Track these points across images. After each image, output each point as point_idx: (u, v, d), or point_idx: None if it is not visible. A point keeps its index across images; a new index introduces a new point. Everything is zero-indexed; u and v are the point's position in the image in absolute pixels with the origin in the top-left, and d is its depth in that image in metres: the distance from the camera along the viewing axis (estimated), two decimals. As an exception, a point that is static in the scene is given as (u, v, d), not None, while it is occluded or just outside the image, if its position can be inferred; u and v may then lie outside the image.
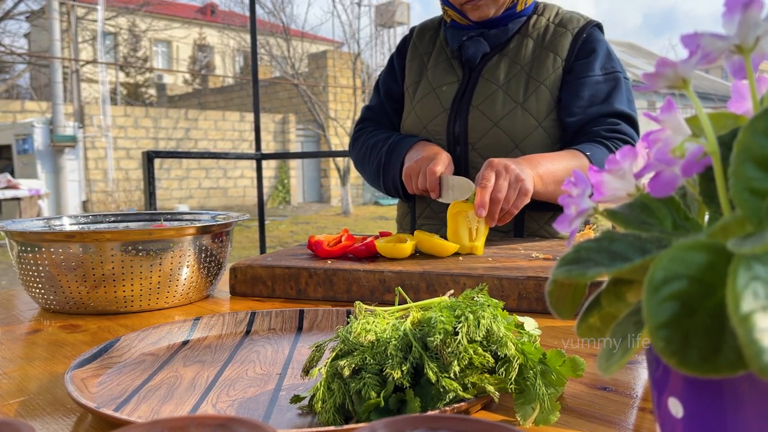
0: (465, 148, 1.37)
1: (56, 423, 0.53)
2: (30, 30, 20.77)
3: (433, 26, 1.52)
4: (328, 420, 0.49)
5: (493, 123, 1.33)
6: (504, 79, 1.35)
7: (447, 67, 1.42)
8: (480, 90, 1.36)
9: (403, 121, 1.48)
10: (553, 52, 1.35)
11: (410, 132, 1.44)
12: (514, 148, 1.32)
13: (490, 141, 1.34)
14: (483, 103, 1.35)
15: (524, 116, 1.32)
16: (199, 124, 15.00)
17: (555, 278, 0.31)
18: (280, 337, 0.75)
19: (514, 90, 1.34)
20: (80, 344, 0.77)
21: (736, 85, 0.36)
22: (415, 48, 1.51)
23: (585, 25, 1.37)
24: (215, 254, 1.00)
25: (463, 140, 1.36)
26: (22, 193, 9.49)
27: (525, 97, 1.33)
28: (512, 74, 1.35)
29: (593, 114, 1.31)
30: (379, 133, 1.47)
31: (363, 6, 16.99)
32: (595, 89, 1.32)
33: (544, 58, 1.35)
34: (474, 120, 1.35)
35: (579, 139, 1.32)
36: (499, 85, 1.35)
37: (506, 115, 1.33)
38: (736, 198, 0.27)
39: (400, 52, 1.54)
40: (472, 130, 1.35)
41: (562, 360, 0.53)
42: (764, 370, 0.22)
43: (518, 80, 1.34)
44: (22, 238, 0.91)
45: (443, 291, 0.88)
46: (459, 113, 1.37)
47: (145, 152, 2.59)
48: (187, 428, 0.32)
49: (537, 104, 1.33)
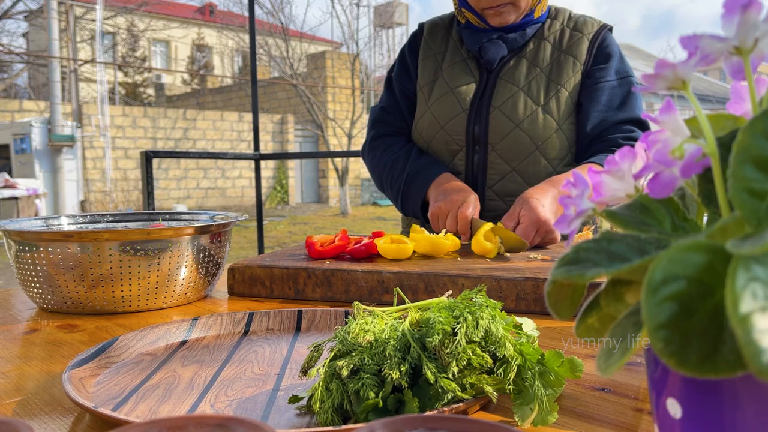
0: (485, 149, 1.36)
1: (54, 423, 0.53)
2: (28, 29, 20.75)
3: (444, 25, 1.51)
4: (327, 420, 0.49)
5: (515, 125, 1.33)
6: (524, 81, 1.36)
7: (464, 68, 1.42)
8: (500, 91, 1.36)
9: (418, 120, 1.46)
10: (573, 56, 1.37)
11: (427, 132, 1.43)
12: (534, 150, 1.33)
13: (511, 143, 1.34)
14: (504, 104, 1.35)
15: (545, 118, 1.33)
16: (198, 124, 14.99)
17: (554, 279, 0.31)
18: (279, 338, 0.75)
19: (534, 92, 1.35)
20: (78, 344, 0.77)
21: (735, 87, 0.36)
22: (428, 46, 1.49)
23: (599, 30, 1.40)
24: (213, 254, 0.99)
25: (483, 141, 1.36)
26: (19, 192, 9.48)
27: (546, 99, 1.34)
28: (532, 77, 1.36)
29: (610, 121, 1.34)
30: (395, 147, 1.46)
31: (362, 7, 17.00)
32: (611, 94, 1.35)
33: (564, 62, 1.37)
34: (495, 121, 1.35)
35: (596, 146, 1.34)
36: (519, 87, 1.36)
37: (528, 117, 1.33)
38: (735, 199, 0.27)
39: (413, 49, 1.53)
40: (493, 131, 1.35)
41: (560, 361, 0.53)
42: (763, 371, 0.22)
43: (538, 83, 1.36)
44: (20, 238, 0.91)
45: (441, 292, 0.88)
46: (479, 114, 1.36)
47: (144, 152, 2.58)
48: (186, 428, 0.32)
49: (558, 107, 1.34)
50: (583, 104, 1.36)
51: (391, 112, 1.51)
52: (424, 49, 1.49)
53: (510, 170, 1.35)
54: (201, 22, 23.84)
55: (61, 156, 12.38)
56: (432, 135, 1.41)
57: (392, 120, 1.51)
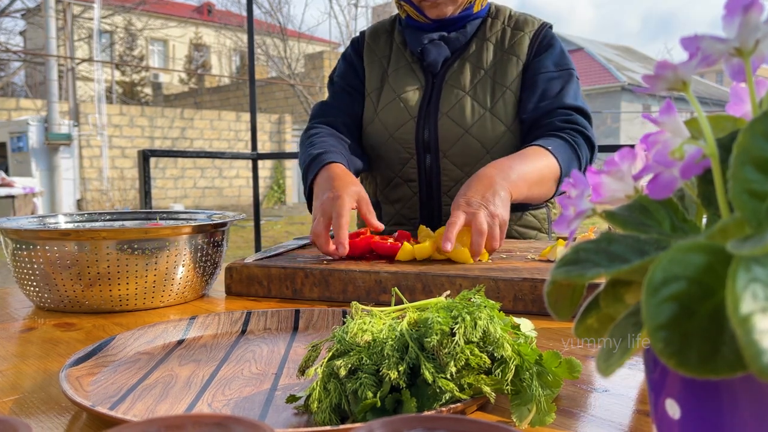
0: (436, 156, 1.35)
1: (51, 421, 0.53)
2: (26, 27, 20.70)
3: (385, 29, 1.49)
4: (324, 420, 0.49)
5: (464, 130, 1.32)
6: (470, 86, 1.35)
7: (408, 72, 1.40)
8: (446, 96, 1.35)
9: (366, 126, 1.43)
10: (515, 55, 1.36)
11: (376, 139, 1.39)
12: (485, 154, 1.32)
13: (461, 148, 1.33)
14: (452, 110, 1.33)
15: (494, 122, 1.32)
16: (195, 124, 14.96)
17: (554, 279, 0.31)
18: (276, 337, 0.75)
19: (481, 96, 1.34)
20: (75, 342, 0.76)
21: (735, 88, 0.36)
22: (371, 51, 1.46)
23: (540, 27, 1.39)
24: (211, 254, 0.99)
25: (434, 148, 1.35)
26: (16, 191, 9.45)
27: (493, 102, 1.33)
28: (477, 80, 1.35)
29: (547, 107, 1.31)
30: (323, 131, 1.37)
31: (360, 7, 17.01)
32: (548, 85, 1.33)
33: (507, 62, 1.35)
34: (444, 128, 1.33)
35: (535, 133, 1.31)
36: (465, 92, 1.34)
37: (476, 122, 1.32)
38: (735, 200, 0.27)
39: (357, 52, 1.49)
40: (443, 138, 1.34)
41: (558, 361, 0.53)
42: (763, 372, 0.22)
43: (484, 85, 1.34)
44: (17, 236, 0.90)
45: (439, 292, 0.88)
46: (427, 121, 1.35)
47: (141, 151, 2.58)
48: (184, 427, 0.31)
49: (505, 109, 1.33)
50: (521, 95, 1.34)
51: (333, 106, 1.46)
52: (368, 53, 1.47)
53: (463, 175, 1.33)
54: (199, 21, 23.81)
55: (58, 155, 12.34)
56: (381, 142, 1.39)
57: (332, 113, 1.44)
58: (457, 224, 1.01)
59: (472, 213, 1.02)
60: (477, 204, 1.04)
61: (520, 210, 1.40)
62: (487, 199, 1.05)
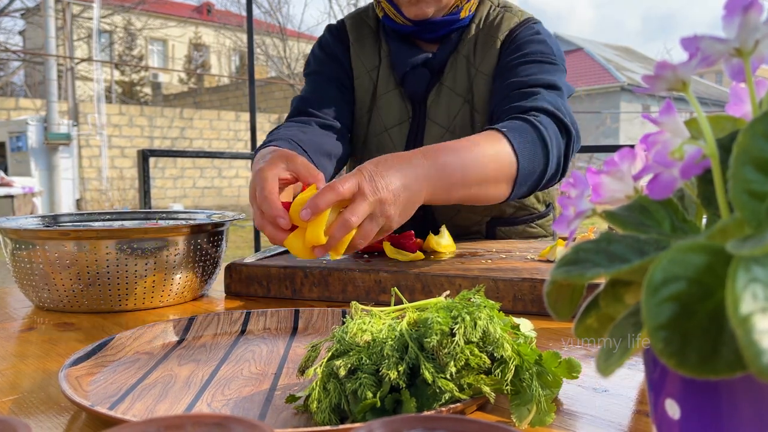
0: None
1: (50, 421, 0.53)
2: (25, 27, 20.68)
3: (369, 27, 1.33)
4: (324, 420, 0.49)
5: None
6: (449, 121, 1.24)
7: (396, 100, 1.28)
8: (429, 132, 1.25)
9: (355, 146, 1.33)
10: (485, 73, 1.22)
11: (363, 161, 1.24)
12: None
13: None
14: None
15: None
16: (195, 124, 14.96)
17: (554, 279, 0.31)
18: (275, 337, 0.75)
19: (459, 130, 1.23)
20: (74, 342, 0.76)
21: (735, 89, 0.36)
22: (358, 58, 1.31)
23: (515, 28, 1.21)
24: (210, 253, 0.99)
25: None
26: (15, 190, 9.45)
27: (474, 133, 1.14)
28: (455, 111, 1.24)
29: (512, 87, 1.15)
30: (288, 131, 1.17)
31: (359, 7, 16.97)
32: (520, 69, 1.16)
33: (480, 83, 1.22)
34: None
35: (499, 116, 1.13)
36: (446, 128, 1.25)
37: None
38: (735, 200, 0.27)
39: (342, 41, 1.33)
40: None
41: (557, 361, 0.53)
42: (763, 372, 0.22)
43: (464, 116, 1.24)
44: (16, 236, 0.90)
45: (439, 292, 0.88)
46: None
47: (141, 151, 2.58)
48: (183, 427, 0.31)
49: None
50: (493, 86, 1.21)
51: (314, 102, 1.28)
52: (355, 59, 1.31)
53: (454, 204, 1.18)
54: (198, 21, 23.80)
55: (58, 154, 12.33)
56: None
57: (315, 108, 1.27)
58: (339, 192, 0.78)
59: (362, 195, 0.80)
60: (375, 190, 0.81)
61: (522, 223, 1.35)
62: (391, 193, 0.82)
